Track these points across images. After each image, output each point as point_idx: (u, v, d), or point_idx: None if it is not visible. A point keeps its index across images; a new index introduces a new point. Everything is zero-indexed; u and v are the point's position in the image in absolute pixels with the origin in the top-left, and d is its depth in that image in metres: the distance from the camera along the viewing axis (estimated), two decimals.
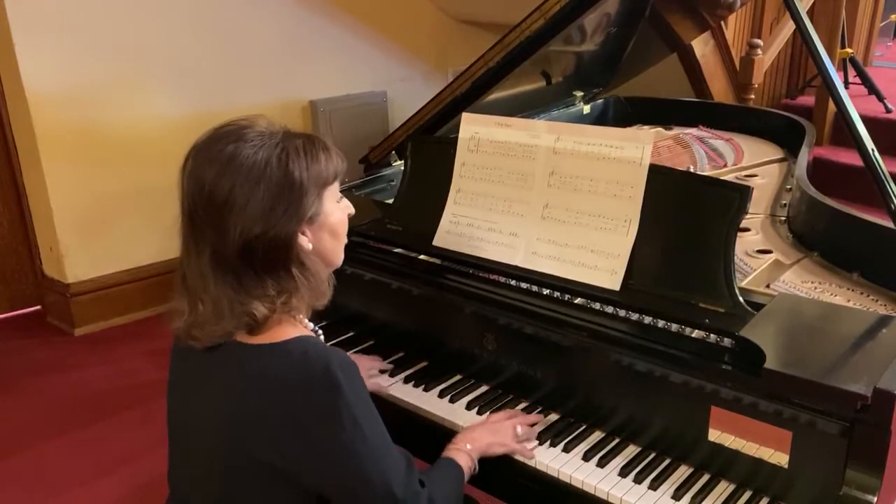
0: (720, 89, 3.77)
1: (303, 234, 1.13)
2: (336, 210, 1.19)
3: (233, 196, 1.07)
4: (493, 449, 1.35)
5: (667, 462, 1.32)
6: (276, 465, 1.08)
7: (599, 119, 2.81)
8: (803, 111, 3.79)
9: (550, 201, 1.51)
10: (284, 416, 1.07)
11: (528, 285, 1.52)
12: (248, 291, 1.10)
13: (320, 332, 1.24)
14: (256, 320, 1.09)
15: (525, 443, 1.38)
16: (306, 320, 1.20)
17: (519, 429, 1.38)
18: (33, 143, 3.14)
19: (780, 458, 1.19)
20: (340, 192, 1.21)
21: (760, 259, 1.72)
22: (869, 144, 1.63)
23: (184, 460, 1.23)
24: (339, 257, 1.23)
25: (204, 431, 1.15)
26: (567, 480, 1.31)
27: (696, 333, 1.35)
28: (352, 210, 1.24)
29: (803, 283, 1.61)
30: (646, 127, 2.80)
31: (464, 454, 1.31)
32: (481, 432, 1.37)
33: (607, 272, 1.42)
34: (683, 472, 1.30)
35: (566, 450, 1.36)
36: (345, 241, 1.23)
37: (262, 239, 1.08)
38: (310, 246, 1.14)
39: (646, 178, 1.40)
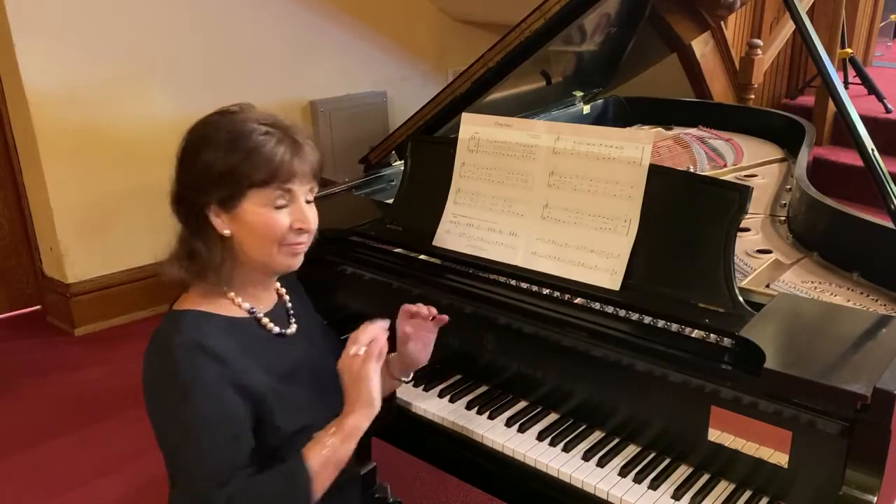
0: (720, 89, 3.77)
1: (216, 215, 1.19)
2: (261, 213, 1.18)
3: (184, 149, 1.21)
4: (362, 421, 1.18)
5: (667, 462, 1.31)
6: None
7: (599, 119, 2.81)
8: (803, 111, 3.79)
9: (550, 201, 1.51)
10: (141, 383, 1.17)
11: (528, 285, 1.52)
12: (183, 247, 1.22)
13: (258, 313, 1.26)
14: (170, 277, 1.21)
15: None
16: (239, 299, 1.24)
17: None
18: (33, 143, 3.14)
19: (780, 458, 1.19)
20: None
21: (760, 259, 1.72)
22: (869, 144, 1.62)
23: None
24: (266, 259, 1.22)
25: None
26: (567, 480, 1.30)
27: (696, 333, 1.35)
28: (302, 224, 1.20)
29: (803, 283, 1.61)
30: (646, 127, 2.80)
31: (319, 446, 1.16)
32: (355, 416, 1.18)
33: (607, 272, 1.42)
34: (683, 471, 1.30)
35: (566, 450, 1.35)
36: (274, 247, 1.20)
37: (178, 195, 1.21)
38: (226, 232, 1.19)
39: (646, 178, 1.41)
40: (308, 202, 1.24)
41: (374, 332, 1.22)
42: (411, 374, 1.44)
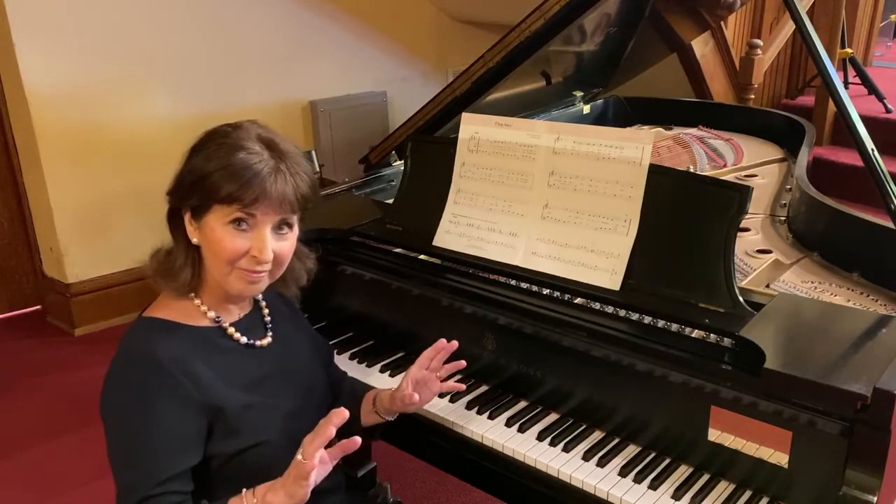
0: (720, 89, 3.77)
1: (189, 222, 1.19)
2: (219, 230, 1.16)
3: (189, 148, 1.21)
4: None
5: (667, 462, 1.31)
6: None
7: (599, 119, 2.81)
8: (803, 111, 3.80)
9: (550, 201, 1.51)
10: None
11: (528, 285, 1.52)
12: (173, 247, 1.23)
13: (224, 323, 1.25)
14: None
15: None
16: (204, 307, 1.23)
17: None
18: (33, 143, 3.14)
19: (780, 458, 1.19)
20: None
21: (760, 259, 1.72)
22: (869, 144, 1.62)
23: None
24: (220, 278, 1.19)
25: None
26: (567, 480, 1.30)
27: (696, 333, 1.35)
28: (258, 253, 1.16)
29: (803, 283, 1.61)
30: (646, 127, 2.80)
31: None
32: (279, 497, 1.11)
33: (607, 272, 1.42)
34: (683, 471, 1.30)
35: (566, 450, 1.35)
36: (227, 268, 1.18)
37: (168, 190, 1.21)
38: (194, 239, 1.20)
39: (646, 178, 1.41)
40: (280, 234, 1.20)
41: (327, 436, 1.08)
42: (396, 416, 1.40)
